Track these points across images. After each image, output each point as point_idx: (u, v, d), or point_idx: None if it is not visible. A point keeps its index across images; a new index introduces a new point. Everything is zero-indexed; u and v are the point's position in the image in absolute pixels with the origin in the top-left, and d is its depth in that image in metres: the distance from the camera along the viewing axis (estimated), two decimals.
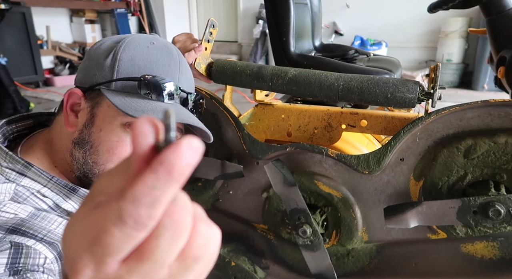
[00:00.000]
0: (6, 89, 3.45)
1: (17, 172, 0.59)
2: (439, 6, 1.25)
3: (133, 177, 0.19)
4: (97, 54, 0.64)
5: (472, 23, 4.41)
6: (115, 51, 0.62)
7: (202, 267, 0.23)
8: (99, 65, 0.63)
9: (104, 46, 0.65)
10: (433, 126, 0.90)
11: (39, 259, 0.49)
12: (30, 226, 0.53)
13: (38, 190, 0.59)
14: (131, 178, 0.19)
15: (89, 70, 0.64)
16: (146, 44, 0.65)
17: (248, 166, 1.04)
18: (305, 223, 0.98)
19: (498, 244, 0.93)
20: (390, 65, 1.75)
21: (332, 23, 5.25)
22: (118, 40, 0.65)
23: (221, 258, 1.09)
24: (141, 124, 0.20)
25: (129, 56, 0.62)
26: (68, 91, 0.63)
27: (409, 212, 0.87)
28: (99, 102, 0.62)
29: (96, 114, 0.62)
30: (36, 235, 0.52)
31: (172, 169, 0.19)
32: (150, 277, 0.20)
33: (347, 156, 0.94)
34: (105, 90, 0.61)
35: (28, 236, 0.51)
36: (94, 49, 0.65)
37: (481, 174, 0.89)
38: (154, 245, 0.20)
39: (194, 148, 0.19)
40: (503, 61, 1.16)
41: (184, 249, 0.21)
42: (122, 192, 0.19)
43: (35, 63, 4.56)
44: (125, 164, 0.21)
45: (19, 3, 4.29)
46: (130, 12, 5.66)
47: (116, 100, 0.60)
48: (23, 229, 0.52)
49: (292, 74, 0.98)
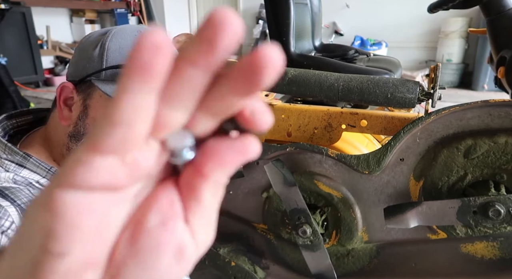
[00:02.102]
0: (6, 89, 3.44)
1: (16, 163, 0.60)
2: (439, 6, 1.25)
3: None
4: (85, 47, 0.65)
5: (472, 23, 4.41)
6: (103, 42, 0.63)
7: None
8: (88, 56, 0.63)
9: (91, 38, 0.66)
10: (433, 126, 0.90)
11: (6, 221, 0.50)
12: (14, 192, 0.55)
13: (37, 181, 0.60)
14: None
15: (78, 63, 0.65)
16: (134, 32, 0.66)
17: (248, 166, 1.04)
18: (305, 223, 0.98)
19: (498, 244, 0.93)
20: (390, 65, 1.75)
21: (332, 23, 5.25)
22: (105, 32, 0.65)
23: (221, 258, 1.09)
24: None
25: (116, 45, 0.63)
26: (60, 85, 0.64)
27: (409, 212, 0.87)
28: (90, 93, 0.63)
29: (89, 105, 0.62)
30: (15, 200, 0.54)
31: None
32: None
33: (347, 156, 0.94)
34: (95, 81, 0.62)
35: (7, 199, 0.53)
36: (82, 43, 0.66)
37: (481, 174, 0.89)
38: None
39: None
40: (503, 61, 1.16)
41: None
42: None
43: (35, 63, 4.56)
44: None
45: (19, 3, 4.29)
46: (130, 12, 5.66)
47: (107, 89, 0.61)
48: (6, 192, 0.54)
49: (292, 74, 0.98)
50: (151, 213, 0.19)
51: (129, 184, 0.17)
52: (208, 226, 0.20)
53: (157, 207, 0.19)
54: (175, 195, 0.19)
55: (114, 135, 0.16)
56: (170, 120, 0.17)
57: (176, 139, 0.18)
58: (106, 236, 0.17)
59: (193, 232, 0.19)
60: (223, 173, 0.19)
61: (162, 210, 0.19)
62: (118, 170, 0.17)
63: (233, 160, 0.18)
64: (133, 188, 0.18)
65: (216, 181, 0.19)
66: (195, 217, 0.19)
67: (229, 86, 0.17)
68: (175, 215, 0.19)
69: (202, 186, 0.19)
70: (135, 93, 0.16)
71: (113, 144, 0.16)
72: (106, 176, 0.16)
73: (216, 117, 0.18)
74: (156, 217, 0.18)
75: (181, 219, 0.19)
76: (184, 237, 0.19)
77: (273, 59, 0.16)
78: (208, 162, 0.18)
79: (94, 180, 0.16)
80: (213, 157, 0.18)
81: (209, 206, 0.19)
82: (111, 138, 0.16)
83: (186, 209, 0.19)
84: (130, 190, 0.18)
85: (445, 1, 1.23)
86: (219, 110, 0.18)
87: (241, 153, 0.18)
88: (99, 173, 0.16)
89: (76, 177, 0.16)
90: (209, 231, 0.20)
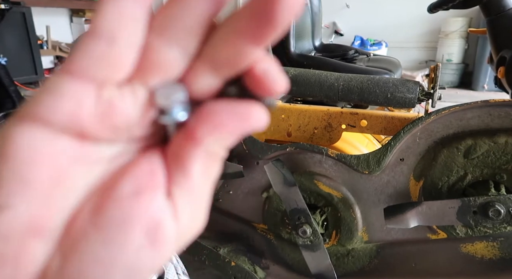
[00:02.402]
0: (6, 89, 3.44)
1: None
2: (439, 6, 1.25)
3: None
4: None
5: (472, 23, 4.41)
6: None
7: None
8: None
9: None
10: (433, 126, 0.90)
11: None
12: None
13: None
14: None
15: None
16: None
17: (248, 166, 1.04)
18: (305, 223, 0.98)
19: (498, 244, 0.93)
20: (390, 65, 1.75)
21: (332, 23, 5.25)
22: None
23: (221, 258, 1.09)
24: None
25: None
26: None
27: (409, 212, 0.87)
28: None
29: None
30: None
31: None
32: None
33: (347, 156, 0.94)
34: None
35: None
36: (78, 40, 0.66)
37: (481, 174, 0.89)
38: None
39: None
40: (503, 61, 1.16)
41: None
42: None
43: (35, 63, 4.56)
44: None
45: (19, 3, 4.29)
46: None
47: None
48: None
49: (292, 74, 0.98)
50: (125, 179, 0.15)
51: (101, 134, 0.14)
52: (196, 208, 0.16)
53: (133, 174, 0.15)
54: (158, 163, 0.16)
55: (92, 50, 0.13)
56: (162, 58, 0.14)
57: (167, 92, 0.15)
58: (63, 198, 0.14)
59: (176, 210, 0.15)
60: (218, 141, 0.15)
61: (138, 177, 0.15)
62: (88, 104, 0.13)
63: (233, 126, 0.15)
64: (106, 145, 0.15)
65: (209, 150, 0.15)
66: (180, 192, 0.15)
67: (237, 27, 0.14)
68: (154, 185, 0.15)
69: (191, 153, 0.15)
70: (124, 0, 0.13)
71: (88, 63, 0.13)
72: (71, 107, 0.13)
73: (219, 72, 0.15)
74: (130, 185, 0.15)
75: (161, 191, 0.15)
76: (162, 214, 0.15)
77: None
78: (201, 124, 0.15)
79: (57, 111, 0.13)
80: (208, 119, 0.15)
81: (199, 181, 0.16)
82: (88, 53, 0.13)
83: (170, 181, 0.15)
84: (101, 145, 0.15)
85: (445, 1, 1.23)
86: (224, 61, 0.15)
87: (243, 119, 0.15)
88: (64, 101, 0.13)
89: (37, 106, 0.13)
90: (197, 214, 0.16)
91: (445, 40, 4.50)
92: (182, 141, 0.15)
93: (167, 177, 0.15)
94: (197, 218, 0.16)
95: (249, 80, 0.15)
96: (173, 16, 0.14)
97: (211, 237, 1.14)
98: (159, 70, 0.14)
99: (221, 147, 0.15)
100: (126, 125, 0.15)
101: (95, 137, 0.14)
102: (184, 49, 0.14)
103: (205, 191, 0.16)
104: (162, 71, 0.15)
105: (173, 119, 0.15)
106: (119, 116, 0.14)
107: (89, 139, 0.14)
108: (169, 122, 0.15)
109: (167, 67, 0.14)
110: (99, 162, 0.15)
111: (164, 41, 0.14)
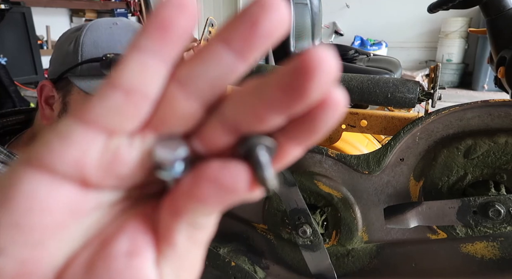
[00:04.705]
0: (6, 89, 3.44)
1: (1, 161, 0.59)
2: (439, 6, 1.25)
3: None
4: (62, 43, 0.64)
5: (472, 23, 4.41)
6: (77, 37, 0.62)
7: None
8: (64, 53, 0.63)
9: (67, 34, 0.65)
10: (433, 126, 0.90)
11: None
12: None
13: None
14: None
15: (56, 60, 0.64)
16: (109, 25, 0.64)
17: None
18: (305, 223, 0.98)
19: (498, 244, 0.93)
20: (390, 65, 1.75)
21: (332, 23, 5.25)
22: (81, 27, 0.65)
23: (221, 258, 1.09)
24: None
25: (91, 40, 0.62)
26: (40, 84, 0.63)
27: (409, 212, 0.87)
28: (69, 90, 0.62)
29: (68, 102, 0.62)
30: None
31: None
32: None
33: (347, 156, 0.94)
34: (72, 77, 0.61)
35: None
36: (59, 40, 0.66)
37: (481, 174, 0.89)
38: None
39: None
40: (503, 61, 1.16)
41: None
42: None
43: (35, 63, 4.56)
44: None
45: (19, 3, 4.29)
46: (130, 12, 5.66)
47: (83, 85, 0.60)
48: None
49: None
50: (120, 236, 0.15)
51: (103, 182, 0.14)
52: (183, 273, 0.16)
53: (129, 231, 0.15)
54: (151, 224, 0.15)
55: (107, 100, 0.13)
56: (181, 110, 0.14)
57: (167, 147, 0.14)
58: (56, 246, 0.14)
59: (161, 276, 0.15)
60: (200, 213, 0.14)
61: (133, 237, 0.15)
62: (93, 153, 0.13)
63: (215, 200, 0.14)
64: (107, 192, 0.15)
65: (192, 222, 0.15)
66: (165, 262, 0.15)
67: (263, 95, 0.13)
68: (147, 247, 0.15)
69: (174, 225, 0.15)
70: (147, 52, 0.13)
71: (101, 112, 0.13)
72: (77, 155, 0.13)
73: (231, 131, 0.14)
74: (125, 244, 0.15)
75: (151, 258, 0.15)
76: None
77: (326, 62, 0.12)
78: (183, 197, 0.14)
79: (63, 159, 0.13)
80: (190, 191, 0.14)
81: (185, 249, 0.15)
82: (103, 103, 0.13)
83: (157, 250, 0.15)
84: (103, 192, 0.15)
85: (445, 1, 1.23)
86: (240, 123, 0.14)
87: (228, 192, 0.14)
88: (71, 149, 0.13)
89: (45, 152, 0.13)
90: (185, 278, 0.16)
91: (445, 40, 4.50)
92: (166, 209, 0.15)
93: (155, 245, 0.15)
94: None
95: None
96: (198, 69, 0.14)
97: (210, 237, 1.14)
98: (175, 121, 0.14)
99: (205, 218, 0.15)
100: (129, 175, 0.14)
101: (97, 185, 0.14)
102: (203, 100, 0.14)
103: (194, 256, 0.16)
104: (178, 123, 0.14)
105: (170, 175, 0.14)
106: (123, 165, 0.14)
107: (91, 187, 0.14)
108: (166, 178, 0.15)
109: (184, 119, 0.14)
110: (98, 208, 0.15)
111: (185, 93, 0.14)
